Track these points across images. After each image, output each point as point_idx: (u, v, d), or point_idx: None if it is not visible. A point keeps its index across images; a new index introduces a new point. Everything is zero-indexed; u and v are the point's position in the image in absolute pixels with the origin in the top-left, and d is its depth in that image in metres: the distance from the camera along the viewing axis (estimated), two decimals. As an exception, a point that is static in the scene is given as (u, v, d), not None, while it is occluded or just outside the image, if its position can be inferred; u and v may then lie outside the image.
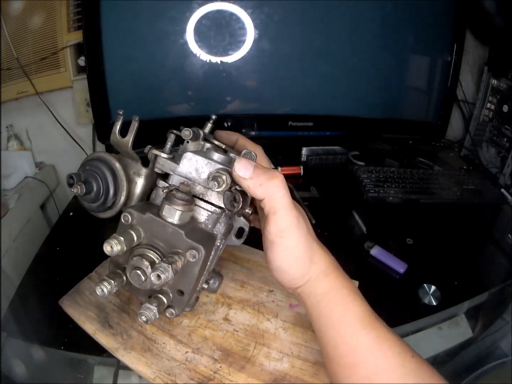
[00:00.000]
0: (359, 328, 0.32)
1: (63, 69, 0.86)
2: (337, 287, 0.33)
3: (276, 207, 0.30)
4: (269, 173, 0.30)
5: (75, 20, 0.82)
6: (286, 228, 0.31)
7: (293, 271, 0.33)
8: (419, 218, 0.74)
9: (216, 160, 0.32)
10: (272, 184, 0.30)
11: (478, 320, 0.71)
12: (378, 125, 0.95)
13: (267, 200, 0.30)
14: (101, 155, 0.34)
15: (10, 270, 0.70)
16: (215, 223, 0.33)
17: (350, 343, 0.32)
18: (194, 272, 0.30)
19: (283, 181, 0.31)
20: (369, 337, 0.32)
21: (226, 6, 0.73)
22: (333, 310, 0.33)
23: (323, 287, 0.33)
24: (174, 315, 0.32)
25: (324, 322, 0.33)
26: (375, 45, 0.86)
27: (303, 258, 0.32)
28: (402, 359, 0.31)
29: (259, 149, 0.39)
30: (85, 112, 0.90)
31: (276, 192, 0.30)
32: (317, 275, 0.33)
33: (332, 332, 0.33)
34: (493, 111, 0.92)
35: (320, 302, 0.33)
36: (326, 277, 0.33)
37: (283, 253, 0.32)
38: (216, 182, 0.29)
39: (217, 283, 0.39)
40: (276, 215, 0.31)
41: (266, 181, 0.30)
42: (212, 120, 0.38)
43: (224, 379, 0.40)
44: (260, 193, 0.30)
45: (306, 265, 0.33)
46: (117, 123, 0.33)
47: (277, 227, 0.31)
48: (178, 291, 0.30)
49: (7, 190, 0.80)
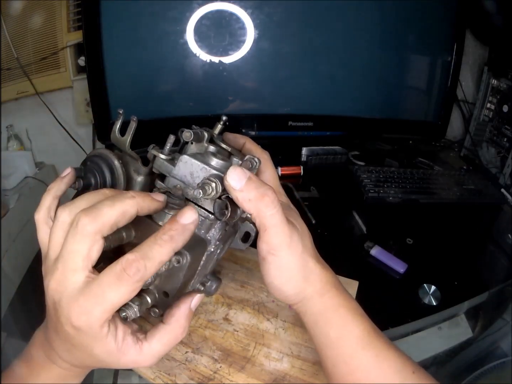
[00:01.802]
0: (358, 348, 0.31)
1: (63, 69, 0.86)
2: (334, 307, 0.32)
3: (266, 225, 0.29)
4: (261, 189, 0.29)
5: (75, 20, 0.82)
6: (277, 246, 0.30)
7: (285, 288, 0.32)
8: (419, 218, 0.74)
9: (213, 166, 0.31)
10: (262, 203, 0.28)
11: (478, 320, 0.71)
12: (378, 125, 0.95)
13: (256, 216, 0.29)
14: (101, 152, 0.34)
15: (10, 270, 0.70)
16: (209, 228, 0.32)
17: (349, 363, 0.31)
18: (179, 276, 0.29)
19: (274, 200, 0.29)
20: (368, 356, 0.31)
21: (226, 6, 0.73)
22: (331, 330, 0.32)
23: (319, 307, 0.32)
24: (157, 315, 0.32)
25: (322, 341, 0.33)
26: (375, 45, 0.86)
27: (296, 277, 0.31)
28: (402, 376, 0.31)
29: (265, 156, 0.37)
30: (85, 112, 0.90)
31: (265, 210, 0.29)
32: (312, 295, 0.32)
33: (330, 351, 0.32)
34: (493, 111, 0.92)
35: (318, 322, 0.33)
36: (321, 297, 0.32)
37: (275, 271, 0.31)
38: (201, 191, 0.28)
39: (214, 286, 0.38)
40: (267, 232, 0.30)
41: (255, 198, 0.28)
42: (222, 121, 0.37)
43: (224, 379, 0.40)
44: (249, 208, 0.29)
45: (300, 284, 0.32)
46: (117, 123, 0.33)
47: (267, 244, 0.30)
48: (164, 293, 0.30)
49: (7, 190, 0.80)
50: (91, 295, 0.24)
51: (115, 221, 0.25)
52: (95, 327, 0.25)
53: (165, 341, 0.29)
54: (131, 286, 0.24)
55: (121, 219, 0.26)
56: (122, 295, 0.24)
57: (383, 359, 0.31)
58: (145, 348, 0.28)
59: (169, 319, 0.29)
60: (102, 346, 0.26)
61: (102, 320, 0.25)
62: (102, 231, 0.25)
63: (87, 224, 0.25)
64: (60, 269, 0.25)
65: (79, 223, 0.25)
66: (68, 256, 0.25)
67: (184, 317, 0.30)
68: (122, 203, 0.26)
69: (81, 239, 0.25)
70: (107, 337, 0.26)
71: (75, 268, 0.25)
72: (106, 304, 0.24)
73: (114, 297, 0.24)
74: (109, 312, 0.25)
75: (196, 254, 0.30)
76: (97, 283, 0.24)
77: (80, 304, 0.24)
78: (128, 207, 0.26)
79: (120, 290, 0.24)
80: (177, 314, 0.30)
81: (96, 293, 0.24)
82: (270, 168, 0.37)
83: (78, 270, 0.25)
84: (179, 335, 0.30)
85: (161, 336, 0.29)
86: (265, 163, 0.36)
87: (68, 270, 0.25)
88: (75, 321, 0.25)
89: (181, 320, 0.30)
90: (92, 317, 0.24)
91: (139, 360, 0.28)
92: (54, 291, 0.25)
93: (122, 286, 0.24)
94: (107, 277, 0.24)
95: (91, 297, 0.24)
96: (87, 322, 0.25)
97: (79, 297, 0.24)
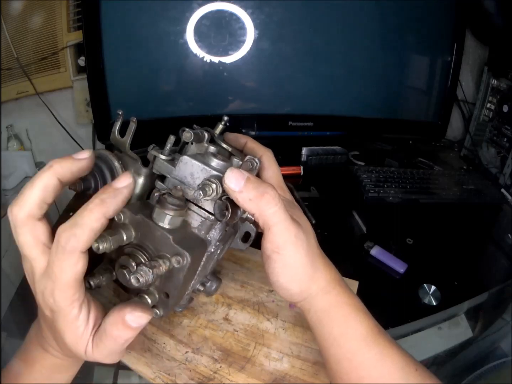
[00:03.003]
0: (361, 345, 0.31)
1: (63, 69, 0.86)
2: (338, 304, 0.33)
3: (269, 223, 0.29)
4: (261, 188, 0.29)
5: (75, 20, 0.82)
6: (282, 245, 0.30)
7: (291, 287, 0.32)
8: (419, 218, 0.74)
9: (213, 167, 0.31)
10: (262, 202, 0.28)
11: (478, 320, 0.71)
12: (378, 125, 0.94)
13: (258, 215, 0.29)
14: (101, 153, 0.34)
15: (10, 270, 0.70)
16: (209, 229, 0.32)
17: (353, 360, 0.32)
18: (180, 277, 0.30)
19: (274, 198, 0.29)
20: (372, 353, 0.31)
21: (226, 6, 0.73)
22: (335, 328, 0.32)
23: (324, 304, 0.32)
24: (158, 315, 0.32)
25: (326, 338, 0.33)
26: (375, 45, 0.86)
27: (302, 275, 0.31)
28: (405, 373, 0.31)
29: (268, 154, 0.36)
30: (85, 112, 0.90)
31: (266, 208, 0.29)
32: (317, 292, 0.32)
33: (334, 349, 0.32)
34: (493, 111, 0.92)
35: (321, 320, 0.33)
36: (326, 295, 0.32)
37: (280, 270, 0.31)
38: (201, 191, 0.28)
39: (214, 286, 0.38)
40: (270, 231, 0.29)
41: (255, 197, 0.28)
42: (223, 122, 0.37)
43: (224, 379, 0.40)
44: (250, 208, 0.29)
45: (305, 282, 0.32)
46: (117, 123, 0.33)
47: (272, 243, 0.30)
48: (164, 293, 0.30)
49: (7, 190, 0.80)
50: (49, 276, 0.25)
51: (40, 198, 0.25)
52: (64, 306, 0.25)
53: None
54: (69, 257, 0.24)
55: (46, 194, 0.26)
56: (67, 269, 0.24)
57: (387, 356, 0.31)
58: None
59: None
60: (72, 330, 0.26)
61: (66, 298, 0.25)
62: (33, 213, 0.25)
63: (16, 213, 0.25)
64: (25, 260, 0.27)
65: (11, 214, 0.25)
66: (23, 247, 0.26)
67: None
68: (39, 178, 0.26)
69: (20, 231, 0.26)
70: (78, 320, 0.26)
71: (34, 257, 0.26)
72: (59, 281, 0.24)
73: (61, 272, 0.24)
74: (67, 289, 0.25)
75: (196, 255, 0.30)
76: (48, 262, 0.25)
77: (45, 285, 0.25)
78: (46, 179, 0.26)
79: (62, 265, 0.24)
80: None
81: (50, 273, 0.25)
82: (274, 165, 0.36)
83: (37, 256, 0.26)
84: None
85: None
86: (269, 160, 0.36)
87: (30, 259, 0.26)
88: (48, 304, 0.25)
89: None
90: (56, 296, 0.25)
91: (99, 358, 0.28)
92: (27, 274, 0.27)
93: (63, 261, 0.24)
94: (51, 256, 0.25)
95: (49, 278, 0.25)
96: (55, 303, 0.25)
97: (44, 280, 0.25)
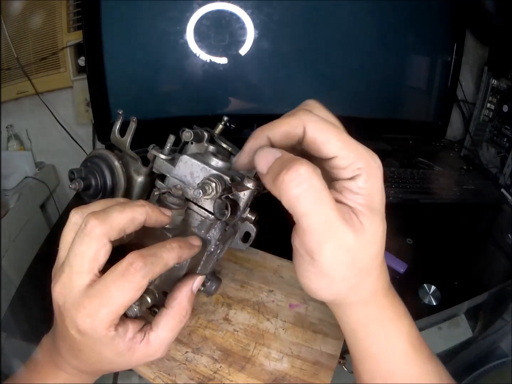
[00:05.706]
0: (401, 364, 0.28)
1: (63, 69, 0.86)
2: (379, 320, 0.28)
3: (296, 213, 0.21)
4: (286, 163, 0.21)
5: (75, 20, 0.82)
6: (317, 248, 0.22)
7: (323, 296, 0.26)
8: (419, 218, 0.74)
9: (213, 166, 0.31)
10: (285, 179, 0.21)
11: (478, 320, 0.71)
12: (378, 125, 0.94)
13: (284, 202, 0.22)
14: (101, 152, 0.34)
15: (10, 270, 0.70)
16: (209, 228, 0.32)
17: (388, 379, 0.28)
18: (179, 276, 0.30)
19: (301, 174, 0.20)
20: (410, 373, 0.28)
21: (226, 6, 0.73)
22: (374, 345, 0.28)
23: (361, 317, 0.28)
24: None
25: (361, 352, 0.29)
26: (375, 45, 0.86)
27: (340, 286, 0.25)
28: None
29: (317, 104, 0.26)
30: (85, 112, 0.90)
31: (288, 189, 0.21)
32: (356, 303, 0.27)
33: (369, 365, 0.29)
34: (493, 111, 0.92)
35: (357, 332, 0.29)
36: (365, 306, 0.27)
37: (313, 276, 0.25)
38: (201, 190, 0.28)
39: (214, 286, 0.38)
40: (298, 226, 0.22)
41: (277, 176, 0.21)
42: (223, 122, 0.38)
43: (224, 379, 0.40)
44: (274, 192, 0.22)
45: (343, 292, 0.26)
46: (117, 123, 0.34)
47: (303, 243, 0.23)
48: (163, 293, 0.30)
49: (7, 190, 0.80)
50: (96, 296, 0.24)
51: (123, 225, 0.25)
52: (100, 329, 0.24)
53: (170, 326, 0.28)
54: (136, 282, 0.24)
55: (130, 225, 0.26)
56: (127, 293, 0.24)
57: (426, 375, 0.28)
58: (152, 339, 0.28)
59: (171, 302, 0.29)
60: (111, 348, 0.26)
61: (107, 322, 0.24)
62: (110, 234, 0.25)
63: (96, 226, 0.24)
64: (66, 272, 0.25)
65: (88, 225, 0.24)
66: (74, 259, 0.24)
67: (186, 299, 0.29)
68: (132, 209, 0.26)
69: (88, 241, 0.24)
70: (114, 340, 0.25)
71: (81, 271, 0.24)
72: (111, 304, 0.24)
73: (118, 295, 0.24)
74: (115, 313, 0.24)
75: (196, 254, 0.30)
76: (102, 283, 0.24)
77: (85, 306, 0.24)
78: (137, 214, 0.26)
79: (125, 287, 0.24)
80: (179, 296, 0.29)
81: (101, 293, 0.24)
82: (330, 117, 0.26)
83: (83, 273, 0.24)
84: (183, 318, 0.29)
85: (165, 322, 0.28)
86: (318, 109, 0.25)
87: (74, 272, 0.24)
88: (80, 325, 0.24)
89: (183, 302, 0.29)
90: (97, 319, 0.24)
91: (149, 353, 0.28)
92: (58, 294, 0.25)
93: (127, 282, 0.24)
94: (112, 275, 0.24)
95: (96, 298, 0.24)
96: (91, 325, 0.24)
97: (83, 299, 0.24)
